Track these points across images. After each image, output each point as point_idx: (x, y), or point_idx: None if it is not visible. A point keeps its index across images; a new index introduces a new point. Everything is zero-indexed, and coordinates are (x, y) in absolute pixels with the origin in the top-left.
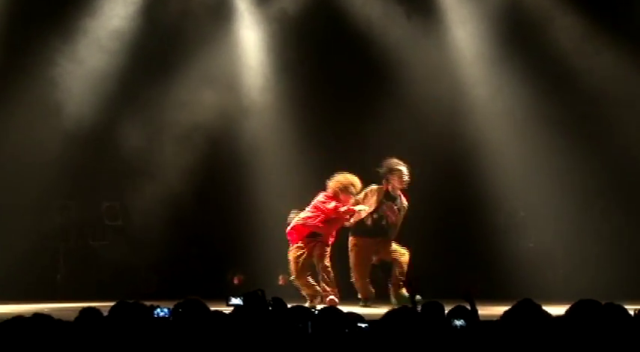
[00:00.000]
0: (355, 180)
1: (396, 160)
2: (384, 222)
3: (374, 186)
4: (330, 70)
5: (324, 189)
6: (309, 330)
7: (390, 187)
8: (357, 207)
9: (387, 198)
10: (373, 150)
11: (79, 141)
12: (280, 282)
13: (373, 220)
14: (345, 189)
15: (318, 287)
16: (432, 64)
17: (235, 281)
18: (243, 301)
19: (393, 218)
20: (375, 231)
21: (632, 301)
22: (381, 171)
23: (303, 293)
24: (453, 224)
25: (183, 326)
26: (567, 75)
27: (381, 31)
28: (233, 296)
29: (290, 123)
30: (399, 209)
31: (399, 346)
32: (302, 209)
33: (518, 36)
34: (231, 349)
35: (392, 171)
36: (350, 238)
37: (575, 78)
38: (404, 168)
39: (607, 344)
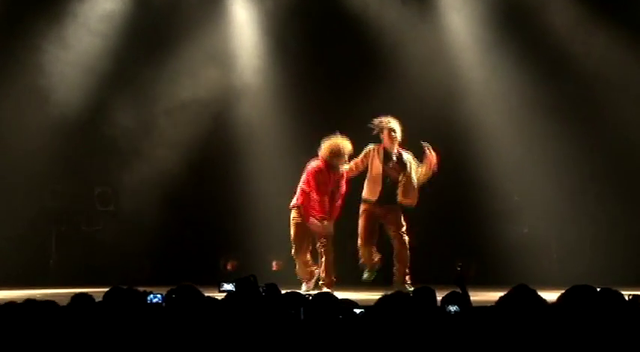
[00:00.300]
0: (344, 143)
1: (385, 118)
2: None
3: (370, 146)
4: (325, 51)
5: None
6: (302, 316)
7: (383, 146)
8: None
9: (386, 157)
10: (367, 132)
11: (69, 126)
12: (274, 268)
13: (384, 185)
14: (334, 155)
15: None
16: (427, 47)
17: (229, 267)
18: (235, 287)
19: (395, 175)
20: (385, 197)
21: (628, 286)
22: (374, 131)
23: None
24: (448, 209)
25: (176, 313)
26: (562, 59)
27: (376, 13)
28: (225, 282)
29: (284, 104)
30: (398, 166)
31: (394, 332)
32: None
33: (513, 20)
34: (224, 335)
35: (381, 129)
36: (361, 203)
37: (569, 62)
38: (393, 124)
39: (602, 329)
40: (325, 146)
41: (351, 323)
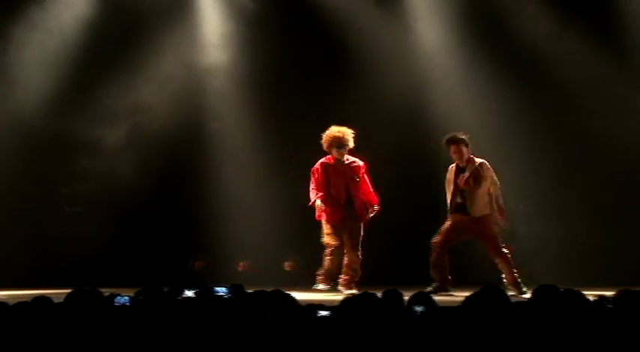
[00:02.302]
0: (345, 131)
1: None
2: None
3: None
4: (295, 49)
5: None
6: (269, 317)
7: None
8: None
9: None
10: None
11: (36, 127)
12: (240, 269)
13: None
14: (337, 143)
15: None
16: (397, 49)
17: (196, 267)
18: (196, 294)
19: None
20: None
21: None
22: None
23: None
24: (418, 210)
25: (143, 314)
26: (533, 62)
27: (348, 13)
28: (187, 288)
29: (253, 104)
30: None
31: (360, 333)
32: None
33: (484, 24)
34: (191, 336)
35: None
36: None
37: (540, 65)
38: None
39: (566, 329)
40: (325, 137)
41: (318, 325)
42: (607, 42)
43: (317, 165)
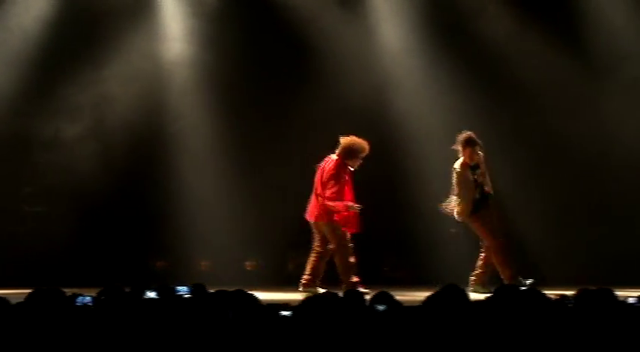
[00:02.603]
0: (362, 143)
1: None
2: None
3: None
4: (257, 48)
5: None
6: (230, 317)
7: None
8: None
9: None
10: (296, 129)
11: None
12: (202, 268)
13: None
14: (350, 153)
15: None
16: (360, 49)
17: (157, 267)
18: (158, 294)
19: None
20: None
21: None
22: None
23: None
24: (377, 209)
25: (105, 314)
26: (494, 63)
27: (310, 14)
28: (148, 290)
29: (214, 102)
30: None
31: (321, 332)
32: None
33: (446, 25)
34: (154, 336)
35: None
36: None
37: (502, 66)
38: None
39: (525, 328)
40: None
41: (279, 325)
42: (568, 42)
43: (340, 165)
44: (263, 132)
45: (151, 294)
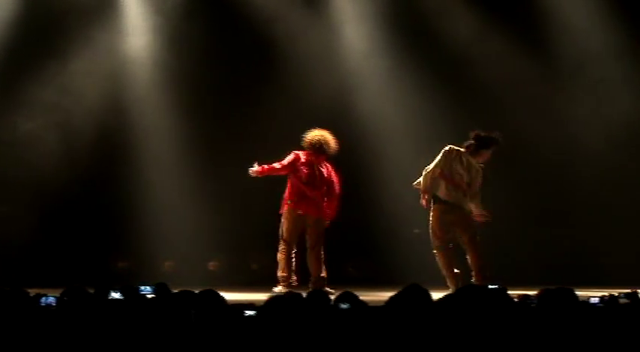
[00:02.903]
0: (326, 135)
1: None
2: None
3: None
4: (220, 48)
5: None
6: (193, 318)
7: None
8: None
9: None
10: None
11: None
12: (165, 268)
13: None
14: (315, 147)
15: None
16: (322, 49)
17: (120, 266)
18: (122, 294)
19: None
20: None
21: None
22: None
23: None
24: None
25: (67, 314)
26: (458, 63)
27: (274, 14)
28: (113, 290)
29: (176, 101)
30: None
31: (286, 332)
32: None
33: (410, 25)
34: (117, 336)
35: None
36: None
37: (466, 66)
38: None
39: (489, 327)
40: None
41: (243, 325)
42: (531, 43)
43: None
44: (226, 132)
45: (116, 295)
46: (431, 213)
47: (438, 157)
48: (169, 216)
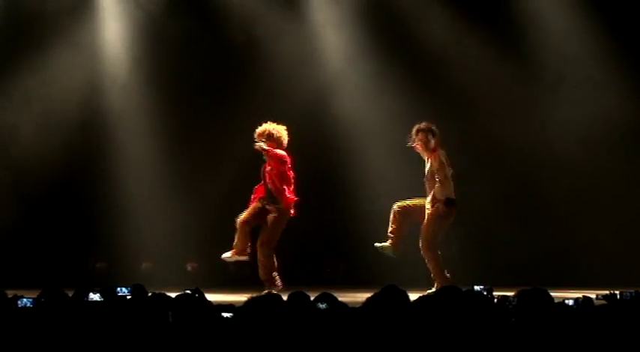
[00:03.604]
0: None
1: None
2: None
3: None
4: (199, 52)
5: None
6: (170, 319)
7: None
8: None
9: None
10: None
11: None
12: (142, 269)
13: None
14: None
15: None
16: (298, 50)
17: (97, 267)
18: (102, 296)
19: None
20: None
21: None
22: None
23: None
24: (317, 210)
25: (44, 316)
26: (436, 66)
27: (248, 13)
28: (92, 292)
29: (155, 102)
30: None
31: (264, 333)
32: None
33: (387, 28)
34: (94, 338)
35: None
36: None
37: (443, 69)
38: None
39: (467, 328)
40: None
41: (221, 327)
42: (507, 46)
43: (286, 156)
44: (204, 133)
45: (95, 296)
46: (441, 215)
47: (444, 159)
48: (148, 217)
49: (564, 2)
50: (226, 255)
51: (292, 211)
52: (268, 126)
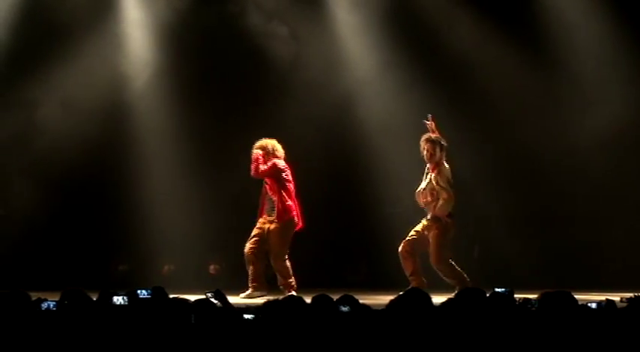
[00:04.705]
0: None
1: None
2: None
3: None
4: (222, 57)
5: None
6: (192, 321)
7: None
8: None
9: None
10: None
11: None
12: (164, 272)
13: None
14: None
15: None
16: (325, 61)
17: (120, 270)
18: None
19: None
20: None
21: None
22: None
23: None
24: (340, 213)
25: (68, 318)
26: (459, 71)
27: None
28: (116, 295)
29: (176, 103)
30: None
31: (286, 335)
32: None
33: (411, 33)
34: (116, 340)
35: None
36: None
37: (467, 74)
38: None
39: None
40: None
41: (243, 329)
42: (531, 52)
43: (285, 165)
44: (228, 135)
45: (119, 299)
46: (446, 231)
47: (449, 174)
48: (170, 219)
49: (588, 5)
50: (244, 294)
51: (297, 221)
52: (261, 143)
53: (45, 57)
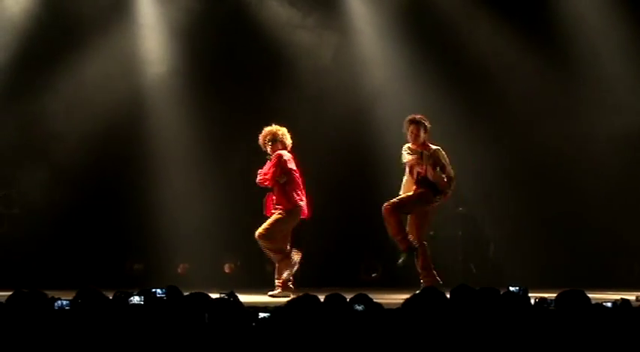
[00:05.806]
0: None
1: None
2: None
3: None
4: (232, 55)
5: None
6: (206, 320)
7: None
8: None
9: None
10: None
11: None
12: (180, 271)
13: None
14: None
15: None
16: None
17: (134, 269)
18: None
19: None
20: None
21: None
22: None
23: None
24: (352, 210)
25: (81, 317)
26: (477, 74)
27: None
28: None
29: (191, 103)
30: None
31: (302, 335)
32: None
33: (428, 37)
34: (130, 339)
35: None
36: None
37: (485, 77)
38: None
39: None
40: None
41: (258, 327)
42: (549, 55)
43: (289, 156)
44: (243, 136)
45: (136, 299)
46: (431, 211)
47: (445, 158)
48: (185, 219)
49: (606, 8)
50: (273, 293)
51: (303, 210)
52: (272, 128)
53: (62, 56)
